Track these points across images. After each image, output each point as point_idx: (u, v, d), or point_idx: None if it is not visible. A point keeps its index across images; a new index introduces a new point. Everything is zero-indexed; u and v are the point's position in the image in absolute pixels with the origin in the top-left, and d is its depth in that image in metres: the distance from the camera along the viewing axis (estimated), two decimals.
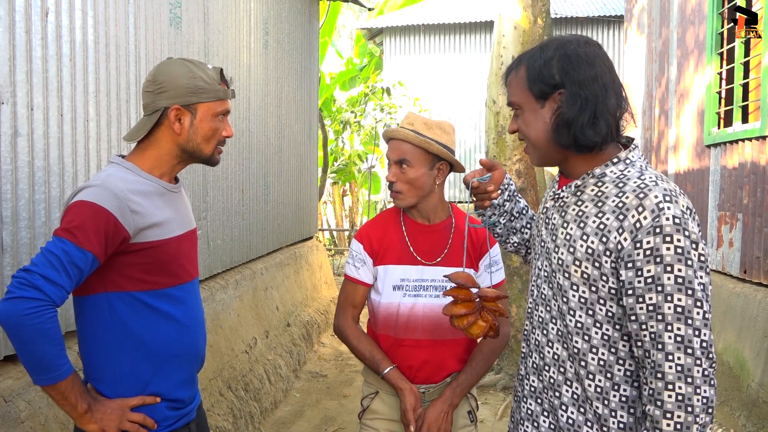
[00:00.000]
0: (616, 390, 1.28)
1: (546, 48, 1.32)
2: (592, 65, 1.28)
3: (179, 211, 1.65)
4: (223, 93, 1.60)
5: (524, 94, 1.34)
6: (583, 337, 1.30)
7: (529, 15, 4.95)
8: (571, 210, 1.34)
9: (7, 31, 2.14)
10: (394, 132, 1.90)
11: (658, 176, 1.26)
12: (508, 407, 4.56)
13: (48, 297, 1.34)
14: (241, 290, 4.50)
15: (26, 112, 2.24)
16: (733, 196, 4.34)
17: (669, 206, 1.19)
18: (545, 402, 1.38)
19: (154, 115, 1.55)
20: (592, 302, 1.28)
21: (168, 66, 1.57)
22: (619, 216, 1.23)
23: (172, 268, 1.59)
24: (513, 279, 5.06)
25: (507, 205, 1.68)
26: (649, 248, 1.18)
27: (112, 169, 1.54)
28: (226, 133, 1.63)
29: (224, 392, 3.71)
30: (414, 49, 12.57)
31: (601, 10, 11.83)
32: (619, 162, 1.30)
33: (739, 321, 4.00)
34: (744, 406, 3.70)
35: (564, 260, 1.32)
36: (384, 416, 1.97)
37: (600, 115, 1.26)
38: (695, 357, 1.16)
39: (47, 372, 1.38)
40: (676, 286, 1.16)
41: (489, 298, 1.57)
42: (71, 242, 1.38)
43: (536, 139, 1.35)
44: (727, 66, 4.62)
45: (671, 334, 1.17)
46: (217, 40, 4.09)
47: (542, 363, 1.39)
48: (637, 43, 6.61)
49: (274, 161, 5.56)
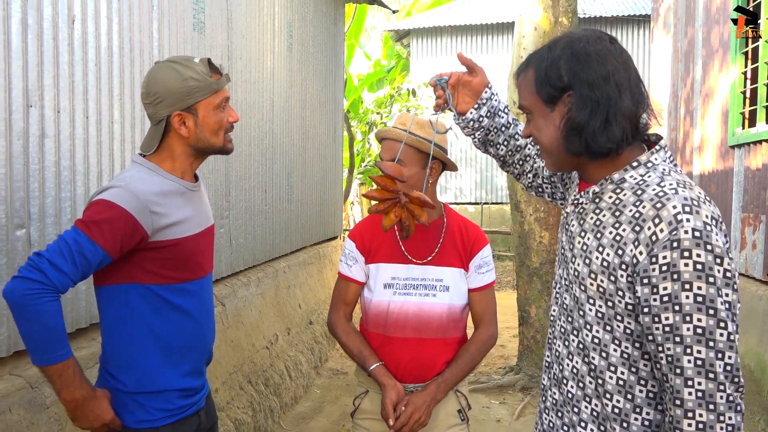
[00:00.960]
0: (637, 413, 1.20)
1: (554, 47, 1.23)
2: (604, 63, 1.17)
3: (198, 209, 1.72)
4: (216, 84, 1.62)
5: (533, 98, 1.26)
6: (601, 353, 1.23)
7: (550, 16, 4.96)
8: (589, 218, 1.25)
9: (36, 38, 2.26)
10: (387, 132, 1.93)
11: (680, 182, 1.15)
12: (526, 407, 4.57)
13: (50, 281, 1.42)
14: (263, 288, 4.61)
15: (53, 115, 2.36)
16: (756, 197, 4.28)
17: (689, 218, 1.09)
18: (565, 416, 1.31)
19: (160, 125, 1.61)
20: (610, 318, 1.20)
21: (156, 74, 1.59)
22: (636, 227, 1.14)
23: (188, 265, 1.66)
24: (533, 279, 5.07)
25: (485, 121, 1.58)
26: (666, 264, 1.09)
27: (135, 170, 1.61)
28: (231, 119, 1.67)
29: (244, 386, 3.81)
30: (441, 51, 12.59)
31: (628, 10, 11.69)
32: (640, 166, 1.20)
33: (761, 324, 3.95)
34: (764, 411, 3.65)
35: (580, 272, 1.25)
36: (373, 416, 2.00)
37: (613, 119, 1.16)
38: (718, 382, 1.07)
39: (39, 353, 1.45)
40: (696, 306, 1.07)
41: (411, 198, 1.61)
42: (85, 234, 1.46)
43: (548, 146, 1.26)
44: (751, 65, 4.55)
45: (690, 358, 1.08)
46: (240, 44, 4.20)
47: (561, 376, 1.33)
48: (664, 43, 6.54)
49: (298, 162, 5.67)
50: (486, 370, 5.46)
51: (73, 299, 2.49)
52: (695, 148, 5.53)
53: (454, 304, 1.96)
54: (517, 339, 5.50)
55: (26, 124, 2.24)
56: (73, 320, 2.50)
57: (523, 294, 5.14)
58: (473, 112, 1.57)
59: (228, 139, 1.69)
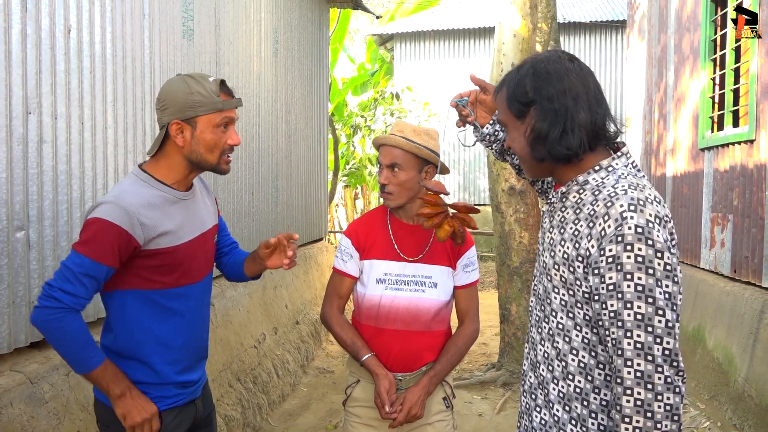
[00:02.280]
0: (596, 393, 1.30)
1: (521, 68, 1.38)
2: (561, 80, 1.31)
3: (192, 216, 1.78)
4: (222, 104, 1.67)
5: (506, 113, 1.40)
6: (564, 338, 1.35)
7: (528, 23, 5.12)
8: (557, 215, 1.40)
9: (34, 47, 2.36)
10: (386, 139, 2.06)
11: (632, 184, 1.27)
12: (507, 402, 4.72)
13: (65, 304, 1.58)
14: (250, 288, 4.71)
15: (51, 121, 2.46)
16: (724, 198, 4.47)
17: (632, 215, 1.20)
18: (538, 398, 1.43)
19: (163, 130, 1.69)
20: (572, 305, 1.32)
21: (169, 84, 1.69)
22: (590, 223, 1.27)
23: (181, 271, 1.75)
24: (513, 278, 5.22)
25: (500, 134, 1.76)
26: (611, 256, 1.20)
27: (128, 182, 1.71)
28: (231, 141, 1.72)
29: (233, 384, 3.92)
30: (424, 55, 12.76)
31: (607, 15, 11.94)
32: (601, 170, 1.33)
33: (728, 319, 4.13)
34: (731, 400, 3.83)
35: (547, 263, 1.39)
36: (364, 403, 2.13)
37: (570, 129, 1.29)
38: (656, 364, 1.16)
39: (77, 364, 1.62)
40: (636, 294, 1.18)
41: (459, 207, 1.82)
42: (85, 256, 1.59)
43: (521, 155, 1.40)
44: (719, 72, 4.75)
45: (630, 341, 1.18)
46: (228, 50, 4.31)
47: (536, 360, 1.44)
48: (639, 49, 6.75)
49: (284, 165, 5.78)
50: (468, 367, 5.61)
51: None
52: (668, 150, 5.73)
53: (441, 300, 2.10)
54: (498, 337, 5.65)
55: (25, 130, 2.33)
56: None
57: (504, 293, 5.29)
58: (489, 127, 1.76)
59: (225, 161, 1.74)
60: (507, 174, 5.18)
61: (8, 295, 2.27)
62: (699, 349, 4.47)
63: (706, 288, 4.61)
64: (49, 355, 2.48)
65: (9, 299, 2.28)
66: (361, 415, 2.14)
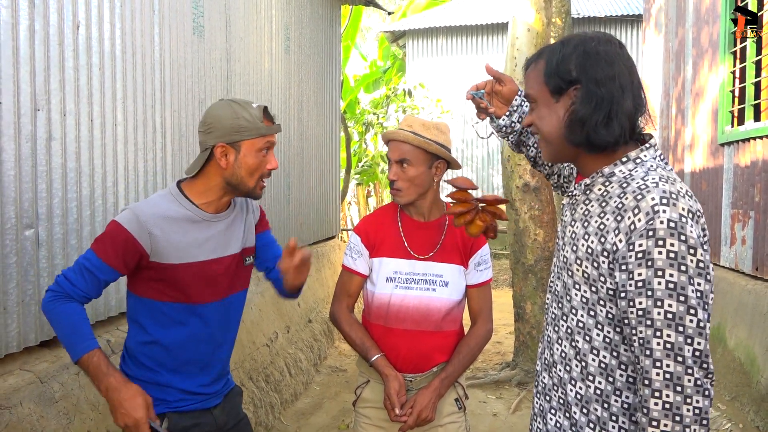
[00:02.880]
0: (617, 395, 1.25)
1: (567, 43, 1.30)
2: (612, 64, 1.25)
3: (213, 238, 1.76)
4: (266, 129, 1.72)
5: (540, 87, 1.33)
6: (585, 337, 1.29)
7: (543, 17, 5.04)
8: (579, 208, 1.34)
9: (42, 43, 2.34)
10: (395, 134, 2.01)
11: (663, 177, 1.22)
12: (522, 402, 4.65)
13: (62, 289, 1.65)
14: (262, 286, 4.68)
15: (60, 118, 2.44)
16: (745, 194, 4.37)
17: (665, 209, 1.15)
18: (553, 399, 1.38)
19: (206, 152, 1.72)
20: (593, 303, 1.27)
21: (216, 108, 1.73)
22: (618, 217, 1.21)
23: (190, 290, 1.73)
24: (528, 276, 5.15)
25: (517, 126, 1.70)
26: (641, 251, 1.15)
27: (158, 194, 1.76)
28: (270, 165, 1.75)
29: (245, 382, 3.89)
30: (436, 51, 12.68)
31: (621, 10, 11.78)
32: (629, 161, 1.28)
33: (750, 318, 4.04)
34: (753, 402, 3.74)
35: (568, 258, 1.33)
36: (374, 404, 2.08)
37: (614, 116, 1.24)
38: (686, 366, 1.12)
39: (69, 349, 1.63)
40: (667, 292, 1.13)
41: (488, 200, 1.75)
42: (94, 252, 1.68)
43: (549, 134, 1.33)
44: (740, 65, 4.64)
45: (660, 341, 1.13)
46: (238, 47, 4.28)
47: (552, 360, 1.39)
48: (655, 43, 6.63)
49: (296, 162, 5.74)
50: (483, 366, 5.55)
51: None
52: (686, 146, 5.62)
53: (452, 299, 2.04)
54: (513, 335, 5.58)
55: (34, 127, 2.31)
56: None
57: (519, 291, 5.22)
58: (505, 119, 1.71)
59: (261, 186, 1.77)
60: (521, 170, 5.11)
61: (17, 294, 2.25)
62: (719, 349, 4.38)
63: (727, 286, 4.51)
64: (60, 354, 2.46)
65: (18, 298, 2.26)
66: (372, 417, 2.09)
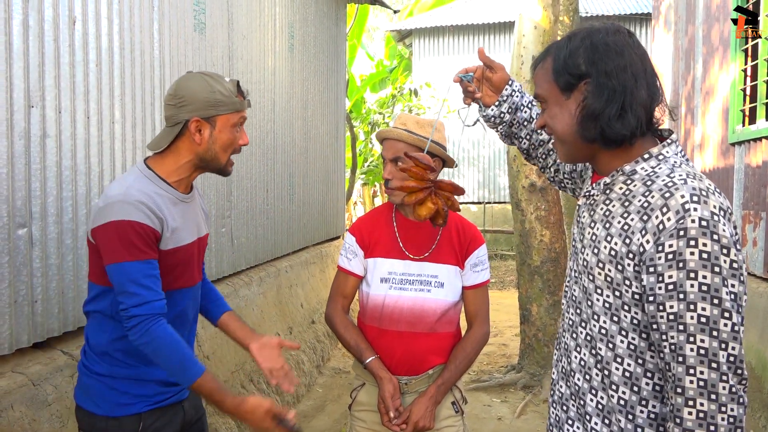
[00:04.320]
0: (643, 405, 1.19)
1: (573, 38, 1.25)
2: (621, 54, 1.19)
3: (190, 220, 1.75)
4: (240, 104, 1.69)
5: (550, 86, 1.28)
6: (608, 344, 1.23)
7: (550, 14, 4.96)
8: (599, 209, 1.27)
9: (36, 39, 2.29)
10: (389, 132, 1.97)
11: (690, 173, 1.16)
12: (527, 406, 4.58)
13: (143, 313, 1.54)
14: (264, 287, 4.63)
15: (54, 115, 2.39)
16: (756, 194, 4.28)
17: (696, 207, 1.09)
18: (570, 410, 1.32)
19: (176, 127, 1.66)
20: (617, 308, 1.20)
21: (188, 81, 1.67)
22: (644, 217, 1.15)
23: (176, 274, 1.70)
24: (534, 278, 5.08)
25: (507, 116, 1.63)
26: (672, 252, 1.09)
27: (131, 177, 1.65)
28: (242, 141, 1.73)
29: (246, 385, 3.84)
30: (443, 50, 12.61)
31: (630, 8, 11.68)
32: (651, 158, 1.21)
33: (761, 321, 3.95)
34: (765, 407, 3.65)
35: (589, 262, 1.26)
36: (369, 407, 2.04)
37: (629, 107, 1.18)
38: (721, 372, 1.06)
39: (180, 374, 1.56)
40: (701, 294, 1.07)
41: (443, 185, 1.64)
42: (131, 261, 1.54)
43: (563, 133, 1.27)
44: (751, 62, 4.55)
45: (693, 346, 1.07)
46: (241, 45, 4.22)
47: (569, 368, 1.33)
48: (665, 41, 6.54)
49: (300, 162, 5.69)
50: (488, 369, 5.47)
51: (62, 304, 2.50)
52: (696, 145, 5.53)
53: (447, 301, 1.99)
54: (518, 338, 5.51)
55: (28, 124, 2.26)
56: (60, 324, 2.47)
57: (525, 293, 5.15)
58: (494, 109, 1.62)
59: (231, 162, 1.74)
60: (527, 171, 5.04)
61: (9, 294, 2.20)
62: None
63: None
64: (53, 356, 2.41)
65: (11, 298, 2.21)
66: (367, 420, 2.05)
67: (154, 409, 1.69)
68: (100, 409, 1.65)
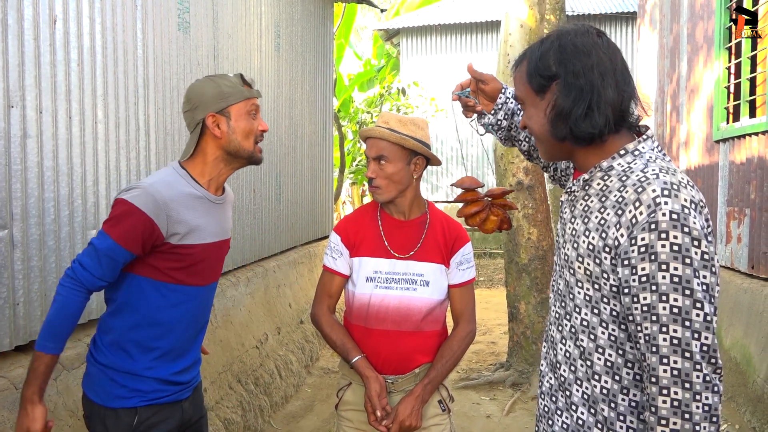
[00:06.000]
0: (624, 394, 1.22)
1: (545, 40, 1.30)
2: (589, 54, 1.23)
3: (217, 220, 1.81)
4: (248, 92, 1.75)
5: (525, 87, 1.32)
6: (589, 336, 1.26)
7: (536, 13, 4.98)
8: (579, 205, 1.31)
9: (16, 38, 2.26)
10: (371, 131, 1.97)
11: (663, 168, 1.19)
12: (516, 403, 4.59)
13: (76, 276, 1.62)
14: (252, 287, 4.61)
15: (35, 115, 2.36)
16: (741, 191, 4.32)
17: (667, 201, 1.12)
18: (559, 400, 1.35)
19: (197, 129, 1.73)
20: (597, 300, 1.24)
21: (196, 86, 1.76)
22: (618, 211, 1.18)
23: (194, 271, 1.75)
24: (522, 276, 5.09)
25: (504, 122, 1.72)
26: (644, 245, 1.12)
27: (164, 172, 1.73)
28: (261, 127, 1.78)
29: (234, 386, 3.81)
30: (430, 49, 12.62)
31: (616, 7, 11.75)
32: (627, 154, 1.24)
33: (746, 317, 3.98)
34: (749, 402, 3.68)
35: (569, 256, 1.29)
36: (356, 407, 2.03)
37: (596, 106, 1.21)
38: (694, 361, 1.08)
39: (39, 337, 1.59)
40: (672, 286, 1.10)
41: (496, 194, 1.77)
42: (109, 236, 1.62)
43: (538, 133, 1.31)
44: (735, 61, 4.59)
45: (666, 336, 1.10)
46: (226, 44, 4.20)
47: (556, 360, 1.36)
48: (650, 39, 6.58)
49: (287, 161, 5.67)
50: (476, 367, 5.48)
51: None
52: (681, 143, 5.57)
53: (433, 299, 1.99)
54: (507, 335, 5.52)
55: (8, 124, 2.23)
56: None
57: (513, 291, 5.16)
58: (490, 117, 1.73)
59: (258, 148, 1.79)
60: (515, 169, 5.05)
61: None
62: None
63: (722, 284, 4.46)
64: None
65: None
66: (353, 419, 2.04)
67: (151, 405, 1.72)
68: (98, 399, 1.71)
